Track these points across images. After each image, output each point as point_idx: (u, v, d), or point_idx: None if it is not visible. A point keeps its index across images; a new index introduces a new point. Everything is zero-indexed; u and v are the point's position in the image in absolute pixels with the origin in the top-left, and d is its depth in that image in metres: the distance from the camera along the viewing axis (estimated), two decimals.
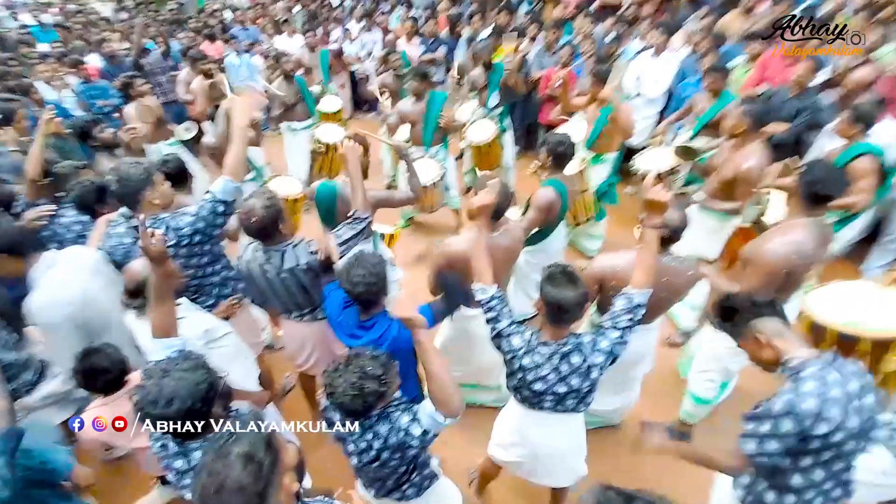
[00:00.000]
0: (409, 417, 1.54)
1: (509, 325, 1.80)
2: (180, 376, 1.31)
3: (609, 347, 1.71)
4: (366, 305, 1.85)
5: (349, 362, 1.44)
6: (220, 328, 2.15)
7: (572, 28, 5.62)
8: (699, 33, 4.71)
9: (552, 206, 2.78)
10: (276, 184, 3.69)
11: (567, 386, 1.75)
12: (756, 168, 2.71)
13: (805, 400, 1.37)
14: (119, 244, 2.21)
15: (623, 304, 1.73)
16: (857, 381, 1.43)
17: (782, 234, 2.06)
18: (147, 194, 2.11)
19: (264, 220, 2.01)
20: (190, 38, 6.43)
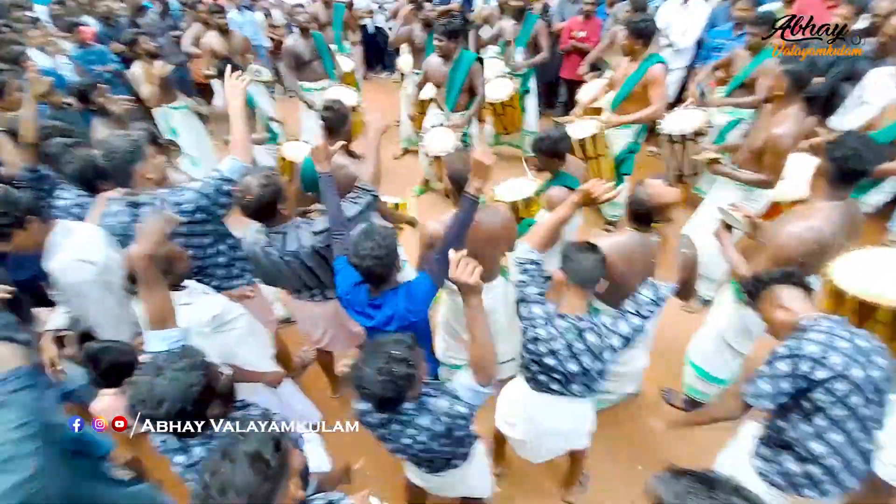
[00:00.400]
0: (447, 400, 1.51)
1: (538, 293, 1.80)
2: (173, 376, 1.26)
3: (628, 332, 1.71)
4: (376, 281, 1.78)
5: (373, 350, 1.40)
6: (231, 311, 2.08)
7: None
8: None
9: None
10: (288, 149, 3.60)
11: (578, 364, 1.74)
12: (787, 136, 2.47)
13: (808, 344, 1.43)
14: (116, 223, 2.09)
15: (649, 293, 1.74)
16: (868, 342, 1.45)
17: (802, 219, 1.92)
18: (139, 168, 2.01)
19: (260, 198, 1.92)
20: None
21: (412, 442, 1.52)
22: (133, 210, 2.07)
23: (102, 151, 1.98)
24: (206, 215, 2.10)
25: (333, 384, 3.01)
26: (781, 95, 2.53)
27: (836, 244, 1.94)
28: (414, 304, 1.78)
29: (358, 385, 1.38)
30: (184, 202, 2.03)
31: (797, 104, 2.53)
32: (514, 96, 4.24)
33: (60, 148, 2.53)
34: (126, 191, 2.13)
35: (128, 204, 2.07)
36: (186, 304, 1.92)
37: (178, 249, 1.93)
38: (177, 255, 1.91)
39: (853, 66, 3.42)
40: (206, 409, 1.33)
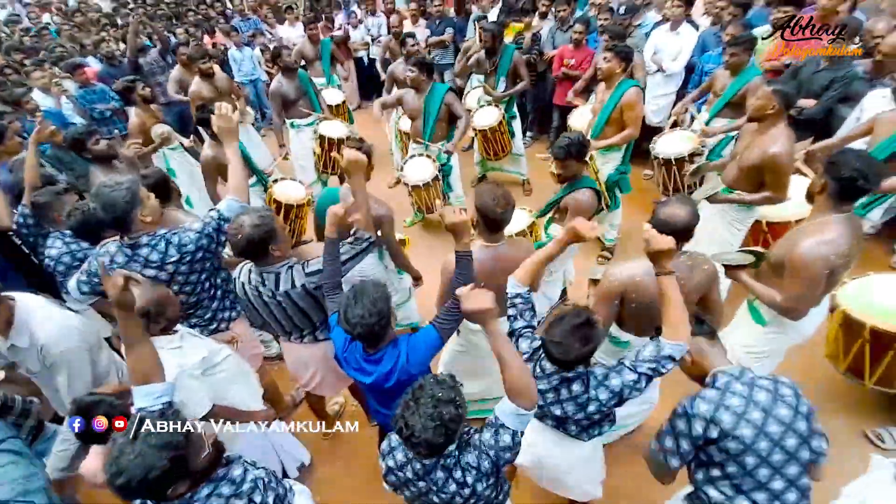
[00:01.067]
0: (491, 432, 1.43)
1: (524, 327, 1.76)
2: (141, 451, 1.22)
3: (619, 388, 1.59)
4: (369, 343, 1.72)
5: (416, 396, 1.32)
6: (218, 353, 2.08)
7: (587, 1, 5.30)
8: (721, 1, 4.39)
9: (594, 207, 2.64)
10: (280, 188, 3.61)
11: (563, 411, 1.67)
12: (785, 154, 2.47)
13: (700, 403, 1.48)
14: (109, 264, 2.10)
15: (651, 351, 1.59)
16: (769, 394, 1.46)
17: (816, 234, 1.90)
18: (137, 214, 2.04)
19: (252, 238, 1.91)
20: (189, 33, 6.27)
21: (458, 488, 1.42)
22: (130, 252, 2.09)
23: (99, 205, 2.00)
24: (205, 254, 2.17)
25: (326, 425, 2.93)
26: (771, 115, 2.52)
27: (854, 252, 1.93)
28: (416, 356, 1.73)
29: (408, 437, 1.30)
30: (187, 242, 2.10)
31: (785, 122, 2.55)
32: (501, 122, 4.29)
33: (51, 196, 2.54)
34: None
35: (126, 246, 2.09)
36: (177, 348, 1.93)
37: (169, 294, 1.94)
38: (168, 299, 1.91)
39: (849, 87, 3.38)
40: (166, 489, 1.28)
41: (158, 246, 2.08)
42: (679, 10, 4.25)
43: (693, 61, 4.37)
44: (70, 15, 8.27)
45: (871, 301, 2.34)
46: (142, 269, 2.08)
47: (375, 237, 2.25)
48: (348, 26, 6.53)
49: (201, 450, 1.36)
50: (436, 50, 5.89)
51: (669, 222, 1.81)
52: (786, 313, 2.04)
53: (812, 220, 2.00)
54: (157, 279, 2.10)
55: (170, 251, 2.08)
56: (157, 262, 2.08)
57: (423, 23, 5.97)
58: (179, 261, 2.10)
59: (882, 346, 2.22)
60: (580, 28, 4.51)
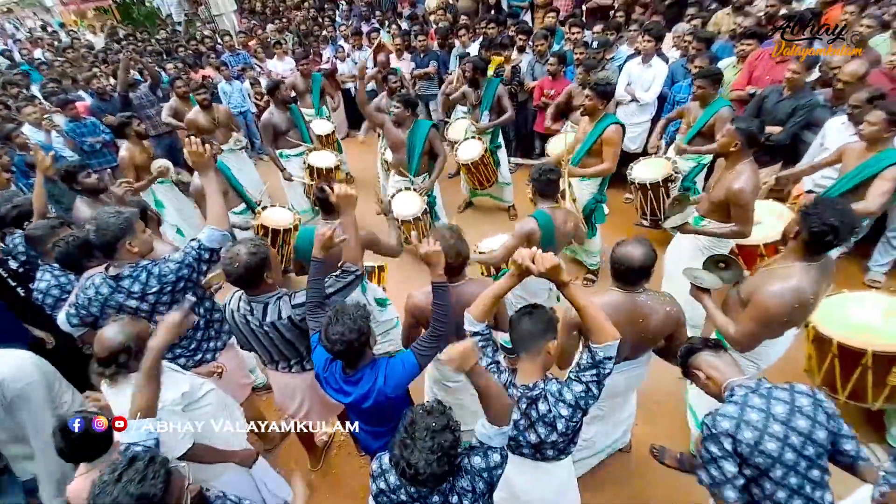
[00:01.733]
0: (480, 455, 1.46)
1: (488, 364, 1.75)
2: (118, 498, 1.22)
3: (573, 400, 1.63)
4: (348, 362, 1.77)
5: (411, 432, 1.31)
6: (199, 388, 2.08)
7: (563, 35, 5.58)
8: (687, 34, 4.66)
9: (531, 237, 2.66)
10: (267, 214, 3.68)
11: (536, 435, 1.70)
12: (747, 190, 2.57)
13: (721, 420, 1.49)
14: (95, 296, 2.13)
15: (587, 359, 1.64)
16: (786, 405, 1.49)
17: (783, 280, 1.95)
18: (126, 242, 2.08)
19: (248, 266, 1.96)
20: (178, 68, 6.43)
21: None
22: (113, 283, 2.11)
23: (94, 227, 2.04)
24: (187, 284, 2.18)
25: (313, 457, 2.91)
26: (734, 151, 2.64)
27: (816, 300, 1.99)
28: (393, 379, 1.76)
29: (413, 476, 1.29)
30: (167, 273, 2.12)
31: (749, 157, 2.65)
32: (484, 155, 4.41)
33: (44, 230, 2.57)
34: (107, 264, 2.18)
35: (109, 278, 2.11)
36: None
37: (150, 329, 1.93)
38: (148, 334, 1.89)
39: (812, 114, 3.58)
40: None
41: (140, 277, 2.10)
42: (650, 44, 4.49)
43: (665, 91, 4.60)
44: (62, 51, 8.43)
45: (843, 318, 2.42)
46: (125, 301, 2.10)
47: (362, 270, 2.30)
48: (336, 59, 6.75)
49: (182, 491, 1.35)
50: (421, 81, 6.10)
51: (625, 261, 1.90)
52: (734, 345, 2.09)
53: (784, 262, 2.03)
54: (140, 310, 2.12)
55: (150, 282, 2.10)
56: (139, 292, 2.10)
57: (408, 56, 6.20)
58: (160, 291, 2.12)
59: (850, 362, 2.29)
60: (553, 61, 4.75)
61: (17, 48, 9.67)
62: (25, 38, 10.49)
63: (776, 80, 3.80)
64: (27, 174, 4.13)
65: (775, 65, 3.91)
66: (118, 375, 1.83)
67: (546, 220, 2.69)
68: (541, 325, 1.68)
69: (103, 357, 1.79)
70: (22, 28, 12.45)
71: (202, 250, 2.17)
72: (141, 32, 9.87)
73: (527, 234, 2.67)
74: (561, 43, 5.56)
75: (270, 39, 7.78)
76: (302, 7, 9.37)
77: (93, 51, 8.64)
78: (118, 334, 1.80)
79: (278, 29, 8.73)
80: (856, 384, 2.32)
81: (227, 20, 10.01)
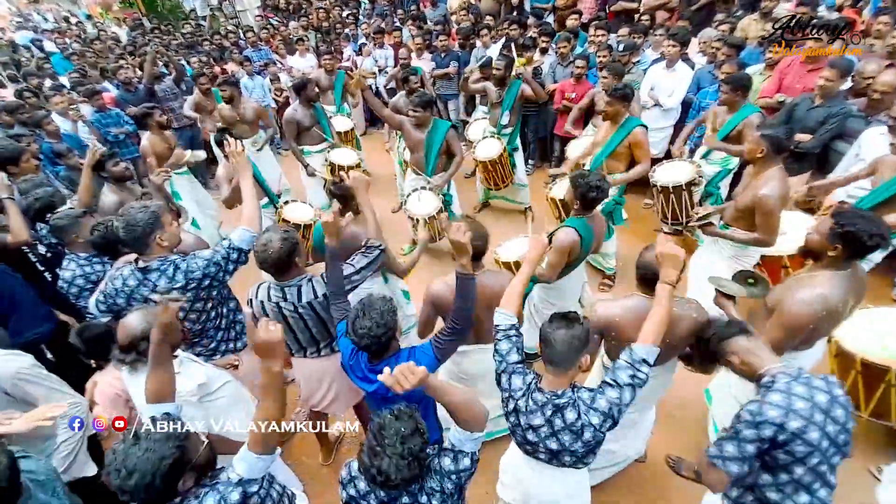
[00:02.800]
0: (450, 458, 1.48)
1: (517, 362, 1.76)
2: (148, 447, 1.27)
3: (607, 407, 1.60)
4: (373, 354, 1.78)
5: (380, 439, 1.31)
6: (217, 379, 2.10)
7: (586, 38, 5.53)
8: (715, 41, 4.58)
9: (573, 248, 2.62)
10: (289, 210, 3.71)
11: (559, 443, 1.66)
12: (773, 197, 2.51)
13: (769, 409, 1.48)
14: (122, 287, 2.15)
15: (625, 357, 1.66)
16: (827, 394, 1.50)
17: (810, 287, 1.92)
18: (155, 237, 2.11)
19: (281, 253, 2.02)
20: (203, 62, 6.51)
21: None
22: (141, 275, 2.14)
23: (123, 224, 2.07)
24: (213, 282, 2.20)
25: (325, 450, 2.91)
26: (761, 158, 2.58)
27: (844, 309, 1.95)
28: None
29: (384, 482, 1.30)
30: (195, 269, 2.14)
31: (778, 164, 2.59)
32: (502, 154, 4.39)
33: (69, 220, 2.60)
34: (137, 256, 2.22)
35: (138, 269, 2.14)
36: (176, 374, 1.91)
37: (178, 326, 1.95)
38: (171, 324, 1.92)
39: (844, 123, 3.49)
40: (176, 483, 1.32)
41: (167, 271, 2.13)
42: (674, 49, 4.44)
43: (689, 97, 4.52)
44: (89, 42, 8.60)
45: (867, 333, 2.36)
46: (150, 293, 2.12)
47: (385, 246, 2.35)
48: (357, 57, 6.78)
49: (199, 443, 1.41)
50: (440, 81, 6.10)
51: (652, 267, 1.88)
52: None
53: (811, 271, 2.01)
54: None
55: (177, 276, 2.13)
56: (164, 287, 2.13)
57: (428, 56, 6.20)
58: (185, 287, 2.14)
59: (873, 379, 2.23)
60: (581, 63, 4.70)
61: (45, 38, 9.89)
62: (53, 28, 10.71)
63: (807, 87, 3.72)
64: (55, 162, 4.21)
65: (807, 73, 3.82)
66: (138, 363, 1.85)
67: (587, 230, 2.64)
68: (578, 341, 1.62)
69: (125, 344, 1.82)
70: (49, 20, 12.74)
71: (231, 250, 2.19)
72: (165, 26, 10.03)
73: (569, 246, 2.61)
74: (584, 45, 5.51)
75: (293, 36, 7.84)
76: (325, 4, 9.44)
77: (119, 43, 8.81)
78: (141, 322, 1.82)
79: (302, 26, 8.81)
80: (879, 402, 2.26)
81: (251, 15, 10.12)
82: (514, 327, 1.81)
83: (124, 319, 1.88)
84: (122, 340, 1.85)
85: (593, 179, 2.54)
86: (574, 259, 2.71)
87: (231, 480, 1.40)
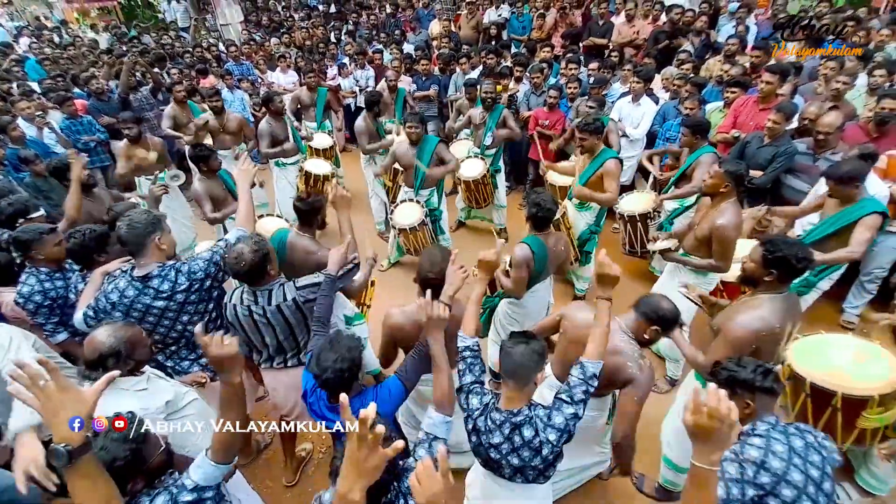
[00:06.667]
0: (425, 448, 1.55)
1: (473, 382, 1.80)
2: (103, 445, 1.30)
3: (563, 424, 1.68)
4: (332, 391, 1.73)
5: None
6: (184, 397, 2.05)
7: (559, 68, 5.80)
8: (677, 78, 4.89)
9: (528, 263, 2.74)
10: (262, 224, 3.69)
11: (520, 459, 1.71)
12: (731, 227, 2.71)
13: (749, 449, 1.51)
14: (120, 299, 2.12)
15: (578, 374, 1.73)
16: (802, 439, 1.53)
17: (750, 309, 2.08)
18: (155, 239, 2.14)
19: (253, 263, 2.04)
20: (183, 73, 6.47)
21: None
22: (140, 284, 2.13)
23: (125, 223, 2.10)
24: (214, 282, 2.25)
25: (289, 468, 2.86)
26: (723, 192, 2.77)
27: (784, 330, 2.08)
28: (382, 408, 1.73)
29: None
30: (197, 270, 2.18)
31: (734, 197, 2.79)
32: (485, 175, 4.54)
33: (34, 235, 2.47)
34: (124, 260, 2.26)
35: (136, 279, 2.13)
36: (143, 391, 1.90)
37: (141, 335, 1.92)
38: (140, 340, 1.89)
39: (791, 160, 3.76)
40: (126, 483, 1.34)
41: (168, 275, 2.13)
42: (639, 85, 4.75)
43: (655, 129, 4.79)
44: (64, 48, 8.42)
45: (818, 358, 2.50)
46: (152, 301, 2.11)
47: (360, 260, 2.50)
48: (339, 77, 6.88)
49: (157, 447, 1.44)
50: (421, 103, 6.26)
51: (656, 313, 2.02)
52: (702, 373, 2.19)
53: (750, 296, 2.18)
54: (167, 311, 2.14)
55: (179, 279, 2.14)
56: (168, 291, 2.12)
57: (407, 79, 6.37)
58: (189, 289, 2.16)
59: (821, 403, 2.36)
60: (554, 94, 4.93)
61: (19, 41, 9.63)
62: (27, 30, 10.43)
63: (759, 125, 4.00)
64: (18, 168, 4.09)
65: (758, 111, 4.12)
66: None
67: (539, 246, 2.77)
68: (535, 357, 1.69)
69: (92, 360, 1.75)
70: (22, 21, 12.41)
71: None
72: (141, 35, 9.92)
73: (523, 261, 2.74)
74: (557, 76, 5.78)
75: (275, 52, 7.90)
76: (307, 24, 9.57)
77: (95, 50, 8.65)
78: (109, 337, 1.77)
79: (284, 43, 8.89)
80: (826, 424, 2.39)
81: (234, 30, 10.15)
82: (468, 349, 1.84)
83: (93, 334, 1.82)
84: (88, 356, 1.77)
85: (541, 199, 2.70)
86: (530, 275, 2.82)
87: (185, 486, 1.41)
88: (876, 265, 3.61)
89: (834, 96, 4.08)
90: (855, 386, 2.23)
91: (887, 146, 3.56)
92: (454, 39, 7.43)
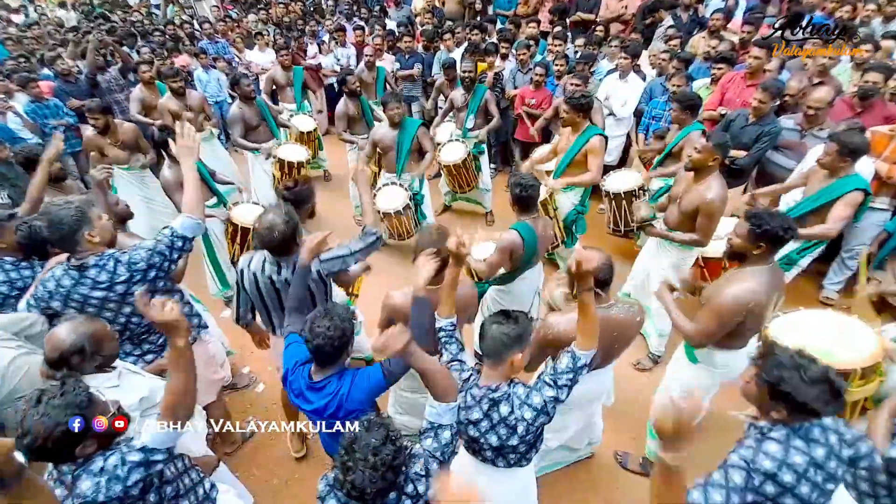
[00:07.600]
0: (431, 436, 1.53)
1: (450, 360, 1.81)
2: (45, 412, 1.31)
3: (541, 404, 1.66)
4: (321, 361, 1.74)
5: (352, 452, 1.27)
6: (159, 391, 1.97)
7: (546, 45, 5.66)
8: (664, 54, 4.81)
9: (514, 250, 2.68)
10: (238, 211, 3.60)
11: (497, 437, 1.71)
12: (718, 200, 2.71)
13: (763, 458, 1.39)
14: (56, 288, 2.00)
15: (567, 362, 1.71)
16: (824, 448, 1.40)
17: (738, 281, 2.09)
18: (84, 233, 1.97)
19: (286, 234, 2.06)
20: (155, 53, 6.18)
21: (413, 502, 1.42)
22: (77, 274, 2.00)
23: (45, 223, 1.95)
24: (158, 272, 2.10)
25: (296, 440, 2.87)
26: (710, 165, 2.74)
27: (770, 302, 2.11)
28: (357, 393, 1.74)
29: (359, 495, 1.26)
30: (138, 260, 2.04)
31: (718, 171, 2.79)
32: (466, 158, 4.44)
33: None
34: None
35: (72, 268, 2.00)
36: (114, 387, 1.82)
37: (106, 329, 1.84)
38: (105, 335, 1.81)
39: (776, 137, 3.73)
40: (73, 447, 1.36)
41: (107, 266, 2.00)
42: (626, 61, 4.65)
43: (641, 107, 4.72)
44: (27, 27, 8.00)
45: (798, 334, 2.53)
46: (90, 292, 1.99)
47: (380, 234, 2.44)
48: (320, 55, 6.65)
49: (105, 412, 1.43)
50: (404, 83, 6.08)
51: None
52: (689, 341, 2.25)
53: (737, 269, 2.19)
54: (107, 301, 2.02)
55: (118, 270, 2.00)
56: (106, 282, 1.99)
57: (389, 57, 6.17)
58: (129, 280, 2.02)
59: None
60: (540, 71, 4.81)
61: None
62: None
63: (746, 102, 3.95)
64: None
65: (746, 87, 4.07)
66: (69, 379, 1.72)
67: (529, 232, 2.69)
68: (508, 336, 1.65)
69: (53, 359, 1.67)
70: None
71: (175, 238, 2.09)
72: (112, 12, 9.46)
73: (510, 247, 2.68)
74: (544, 53, 5.65)
75: (252, 30, 7.59)
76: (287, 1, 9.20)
77: (62, 28, 8.23)
78: (70, 334, 1.69)
79: (261, 20, 8.55)
80: None
81: (207, 6, 9.72)
82: (441, 329, 1.88)
83: (53, 331, 1.73)
84: (50, 355, 1.69)
85: (523, 180, 2.63)
86: (519, 262, 2.77)
87: (134, 445, 1.45)
88: (858, 241, 3.64)
89: (820, 72, 4.04)
90: (836, 361, 2.27)
91: (870, 121, 3.55)
92: (438, 15, 7.21)
